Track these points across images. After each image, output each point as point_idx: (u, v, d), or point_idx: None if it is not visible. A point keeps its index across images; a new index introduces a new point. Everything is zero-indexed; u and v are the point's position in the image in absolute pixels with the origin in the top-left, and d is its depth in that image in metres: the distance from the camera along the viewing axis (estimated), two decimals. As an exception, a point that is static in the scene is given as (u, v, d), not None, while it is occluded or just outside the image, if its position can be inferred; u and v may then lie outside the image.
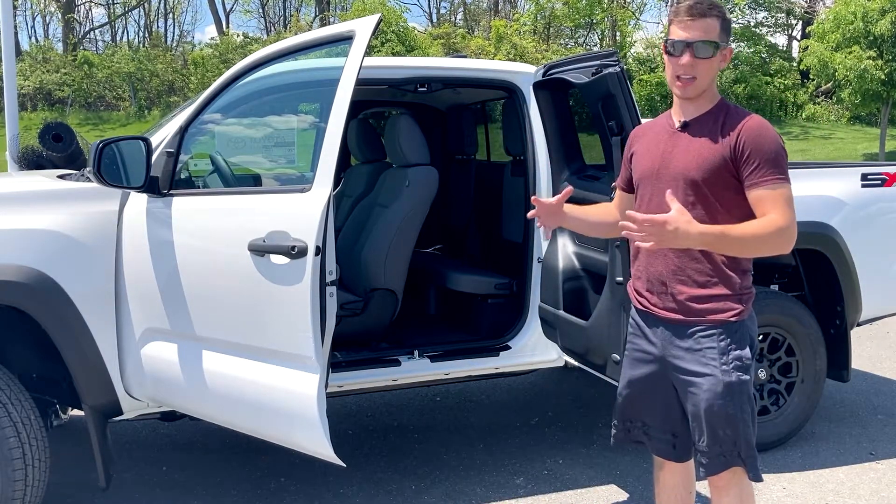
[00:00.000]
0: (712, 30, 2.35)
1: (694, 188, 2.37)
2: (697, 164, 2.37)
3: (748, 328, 2.43)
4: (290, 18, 37.72)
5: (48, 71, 29.54)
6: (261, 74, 3.28)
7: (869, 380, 5.32)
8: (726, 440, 2.41)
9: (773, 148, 2.32)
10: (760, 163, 2.30)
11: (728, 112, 2.40)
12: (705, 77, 2.38)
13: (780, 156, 2.32)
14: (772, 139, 2.33)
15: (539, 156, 3.97)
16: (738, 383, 2.37)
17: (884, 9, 21.18)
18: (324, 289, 2.85)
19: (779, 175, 2.31)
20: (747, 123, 2.35)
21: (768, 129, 2.35)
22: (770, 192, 2.30)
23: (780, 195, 2.29)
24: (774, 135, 2.35)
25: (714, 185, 2.36)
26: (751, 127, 2.34)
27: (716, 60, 2.39)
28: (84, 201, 3.15)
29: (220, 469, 3.95)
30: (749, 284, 2.45)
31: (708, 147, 2.36)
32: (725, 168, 2.34)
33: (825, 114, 29.55)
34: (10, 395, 2.97)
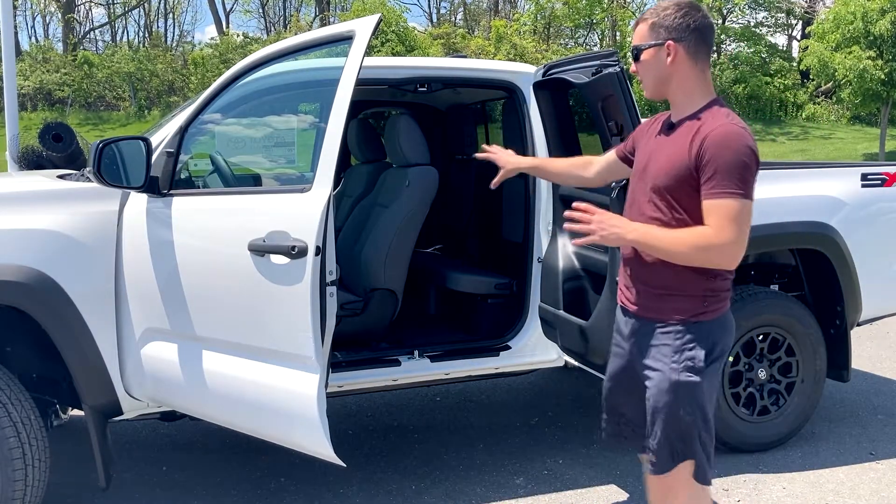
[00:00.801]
0: (639, 35, 2.39)
1: (661, 196, 2.34)
2: (665, 171, 2.33)
3: (711, 332, 2.36)
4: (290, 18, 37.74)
5: (48, 71, 29.55)
6: (261, 74, 3.28)
7: (869, 380, 5.32)
8: (670, 439, 2.39)
9: (734, 158, 2.19)
10: (715, 172, 2.20)
11: (707, 118, 2.30)
12: (647, 79, 2.39)
13: (739, 167, 2.19)
14: (735, 149, 2.20)
15: (539, 156, 3.96)
16: (686, 384, 2.34)
17: (883, 9, 21.20)
18: (324, 289, 2.85)
19: (731, 188, 2.19)
20: (714, 131, 2.24)
21: (735, 138, 2.22)
22: (716, 205, 2.20)
23: (725, 209, 2.19)
24: (741, 145, 2.21)
25: (679, 193, 2.31)
26: (716, 134, 2.23)
27: (650, 62, 2.36)
28: (84, 201, 3.15)
29: (220, 469, 3.95)
30: (719, 288, 2.36)
31: (677, 154, 2.30)
32: (690, 176, 2.27)
33: (825, 114, 29.56)
34: (10, 395, 2.97)
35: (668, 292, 2.37)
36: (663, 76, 2.36)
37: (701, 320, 2.35)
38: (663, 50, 2.34)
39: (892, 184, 4.27)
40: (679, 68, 2.34)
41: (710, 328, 2.36)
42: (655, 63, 2.36)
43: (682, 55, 2.33)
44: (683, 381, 2.34)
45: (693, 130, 2.29)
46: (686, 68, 2.34)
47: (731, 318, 2.45)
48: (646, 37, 2.37)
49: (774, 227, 3.93)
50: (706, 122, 2.29)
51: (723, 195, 2.19)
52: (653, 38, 2.35)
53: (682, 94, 2.37)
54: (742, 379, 4.03)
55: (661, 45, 2.34)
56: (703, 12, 2.36)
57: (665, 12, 2.34)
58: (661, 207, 2.34)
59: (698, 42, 2.33)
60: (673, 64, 2.34)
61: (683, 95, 2.37)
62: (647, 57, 2.37)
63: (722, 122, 2.26)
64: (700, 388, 2.35)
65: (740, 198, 2.19)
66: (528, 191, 4.01)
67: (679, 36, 2.32)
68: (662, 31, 2.33)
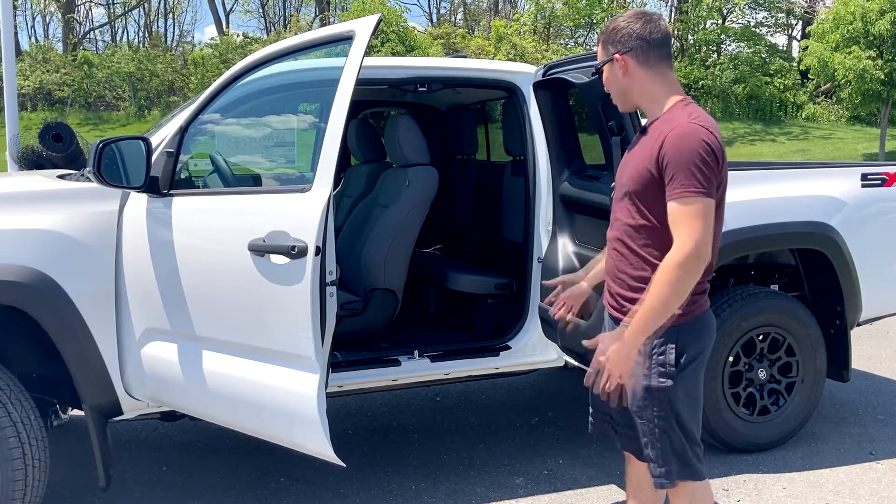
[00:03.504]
0: (598, 56, 2.50)
1: (632, 201, 2.38)
2: (633, 176, 2.37)
3: (682, 335, 2.36)
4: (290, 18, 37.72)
5: (48, 71, 29.53)
6: (261, 74, 3.28)
7: (869, 380, 5.32)
8: (650, 445, 2.43)
9: (690, 157, 2.20)
10: (675, 173, 2.22)
11: (670, 119, 2.32)
12: (613, 94, 2.49)
13: (696, 164, 2.20)
14: (690, 147, 2.21)
15: (539, 156, 3.97)
16: (658, 389, 2.35)
17: (883, 9, 21.20)
18: (324, 289, 2.85)
19: (690, 187, 2.19)
20: (671, 132, 2.25)
21: (691, 136, 2.22)
22: (677, 208, 2.22)
23: (686, 211, 2.20)
24: (696, 142, 2.21)
25: (646, 198, 2.33)
26: (673, 135, 2.24)
27: (609, 78, 2.45)
28: (84, 201, 3.15)
29: (220, 469, 3.95)
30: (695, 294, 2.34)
31: (641, 156, 2.34)
32: (652, 178, 2.29)
33: (825, 114, 29.55)
34: (10, 395, 2.97)
35: (638, 294, 2.36)
36: (622, 88, 2.44)
37: (671, 324, 2.34)
38: (615, 64, 2.41)
39: (892, 184, 4.27)
40: (635, 77, 2.40)
41: (681, 332, 2.36)
42: (613, 78, 2.44)
43: (633, 65, 2.39)
44: (655, 387, 2.37)
45: (658, 133, 2.31)
46: (642, 76, 2.39)
47: (708, 319, 2.46)
48: (601, 56, 2.48)
49: (774, 227, 3.93)
50: (669, 124, 2.31)
51: (685, 196, 2.21)
52: (604, 56, 2.45)
53: (647, 101, 2.43)
54: (742, 379, 4.03)
55: (610, 60, 2.42)
56: (648, 19, 2.40)
57: (610, 29, 2.44)
58: (632, 212, 2.38)
59: (647, 48, 2.37)
60: (627, 75, 2.40)
61: (649, 101, 2.42)
62: (605, 74, 2.46)
63: (680, 122, 2.28)
64: (672, 391, 2.37)
65: (700, 196, 2.20)
66: (529, 191, 4.01)
67: (625, 48, 2.38)
68: (611, 48, 2.42)
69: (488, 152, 5.32)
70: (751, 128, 28.13)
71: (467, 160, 5.20)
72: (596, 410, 2.70)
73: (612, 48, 2.42)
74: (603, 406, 2.64)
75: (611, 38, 2.42)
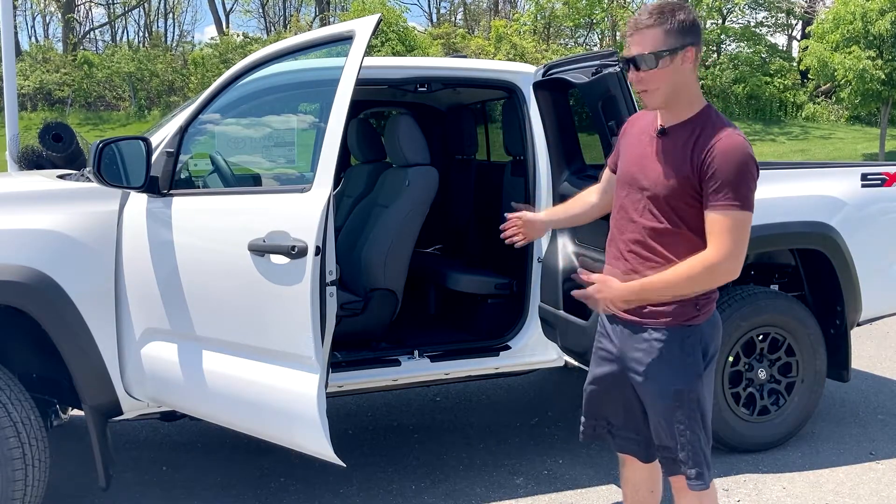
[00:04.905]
0: (651, 41, 2.24)
1: (660, 205, 2.33)
2: (665, 181, 2.30)
3: (703, 334, 2.38)
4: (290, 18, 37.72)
5: (48, 71, 29.54)
6: (261, 74, 3.28)
7: (869, 380, 5.32)
8: (672, 443, 2.43)
9: (738, 170, 2.19)
10: (721, 184, 2.20)
11: (705, 126, 2.27)
12: (660, 87, 2.28)
13: (742, 179, 2.20)
14: (739, 161, 2.20)
15: (539, 156, 3.97)
16: (689, 390, 2.36)
17: (883, 9, 21.20)
18: (324, 289, 2.84)
19: (734, 200, 2.19)
20: (719, 143, 2.21)
21: (739, 150, 2.21)
22: (718, 217, 2.21)
23: (726, 222, 2.20)
24: (744, 156, 2.21)
25: (679, 202, 2.30)
26: (722, 147, 2.21)
27: (665, 70, 2.25)
28: (84, 201, 3.15)
29: (220, 469, 3.95)
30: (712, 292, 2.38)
31: (678, 164, 2.28)
32: (691, 187, 2.27)
33: (825, 114, 29.55)
34: (10, 395, 2.97)
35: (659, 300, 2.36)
36: (675, 82, 2.27)
37: (693, 324, 2.36)
38: (680, 55, 2.24)
39: (892, 184, 4.27)
40: (690, 74, 2.28)
41: (703, 330, 2.38)
42: (674, 70, 2.25)
43: (695, 60, 2.28)
44: (685, 389, 2.37)
45: (692, 138, 2.27)
46: (692, 73, 2.30)
47: (718, 316, 2.47)
48: (665, 40, 2.23)
49: (774, 227, 3.93)
50: (706, 130, 2.26)
51: (728, 207, 2.20)
52: (670, 43, 2.23)
53: (686, 100, 2.31)
54: (742, 379, 4.02)
55: (678, 49, 2.23)
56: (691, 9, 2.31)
57: (682, 18, 2.24)
58: (659, 216, 2.33)
59: (701, 44, 2.30)
60: (686, 69, 2.26)
61: (686, 102, 2.32)
62: (665, 64, 2.23)
63: (726, 132, 2.24)
64: (700, 391, 2.38)
65: (742, 209, 2.20)
66: (528, 191, 4.01)
67: (695, 39, 2.24)
68: (682, 37, 2.23)
69: (488, 152, 5.32)
70: (751, 128, 28.12)
71: (467, 160, 5.20)
72: (591, 417, 2.69)
73: (684, 38, 2.22)
74: (602, 411, 2.65)
75: (685, 28, 2.22)
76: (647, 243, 2.36)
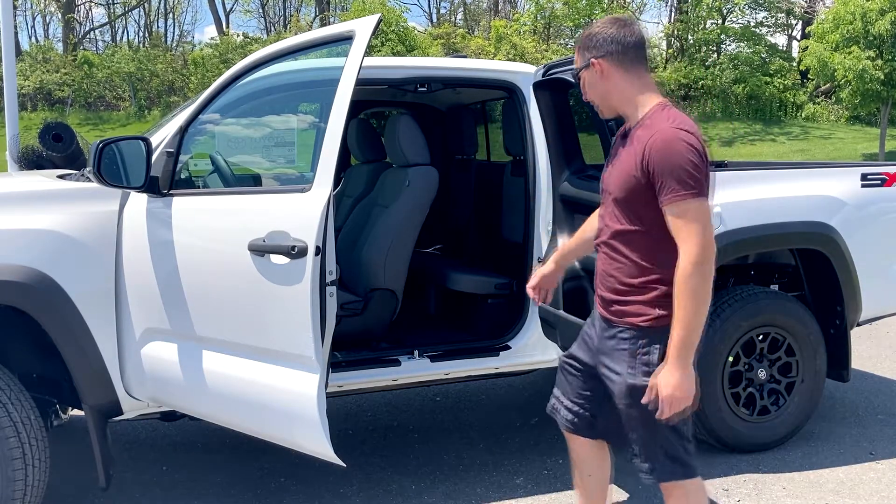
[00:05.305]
0: (577, 61, 2.51)
1: (620, 207, 2.42)
2: (620, 183, 2.40)
3: (666, 336, 2.35)
4: (290, 18, 37.73)
5: (48, 71, 29.56)
6: (261, 74, 3.28)
7: (869, 380, 5.32)
8: (636, 442, 2.49)
9: (677, 161, 2.23)
10: (664, 180, 2.25)
11: (650, 126, 2.33)
12: (594, 99, 2.50)
13: (681, 168, 2.23)
14: (675, 152, 2.24)
15: (539, 156, 3.97)
16: (643, 387, 2.38)
17: (883, 9, 21.20)
18: (324, 289, 2.85)
19: (681, 191, 2.23)
20: (653, 137, 2.28)
21: (670, 142, 2.25)
22: (675, 215, 2.26)
23: (683, 217, 2.24)
24: (680, 145, 2.24)
25: (636, 204, 2.36)
26: (655, 141, 2.27)
27: (587, 84, 2.48)
28: (84, 201, 3.15)
29: (220, 469, 3.95)
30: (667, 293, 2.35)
31: (627, 164, 2.37)
32: (642, 186, 2.32)
33: (825, 114, 29.55)
34: (10, 395, 2.97)
35: (626, 297, 2.43)
36: (602, 92, 2.47)
37: (654, 325, 2.38)
38: (593, 69, 2.44)
39: (892, 184, 4.27)
40: (612, 81, 2.43)
41: (665, 332, 2.35)
42: (592, 83, 2.47)
43: (609, 68, 2.42)
44: (640, 386, 2.39)
45: (641, 139, 2.34)
46: (619, 79, 2.42)
47: None
48: (578, 63, 2.51)
49: (774, 227, 3.93)
50: (646, 129, 2.34)
51: (679, 200, 2.24)
52: (582, 62, 2.48)
53: (626, 104, 2.45)
54: (742, 379, 4.02)
55: (587, 66, 2.45)
56: (623, 24, 2.44)
57: (587, 34, 2.48)
58: (622, 219, 2.42)
59: (623, 51, 2.41)
60: (604, 79, 2.43)
61: (628, 105, 2.44)
62: (584, 80, 2.49)
63: (661, 127, 2.30)
64: None
65: (694, 197, 2.24)
66: (528, 191, 4.01)
67: (602, 52, 2.41)
68: (587, 53, 2.46)
69: (488, 152, 5.32)
70: (751, 128, 28.13)
71: (467, 160, 5.20)
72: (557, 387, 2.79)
73: (588, 53, 2.45)
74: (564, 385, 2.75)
75: (587, 44, 2.45)
76: (613, 244, 2.46)
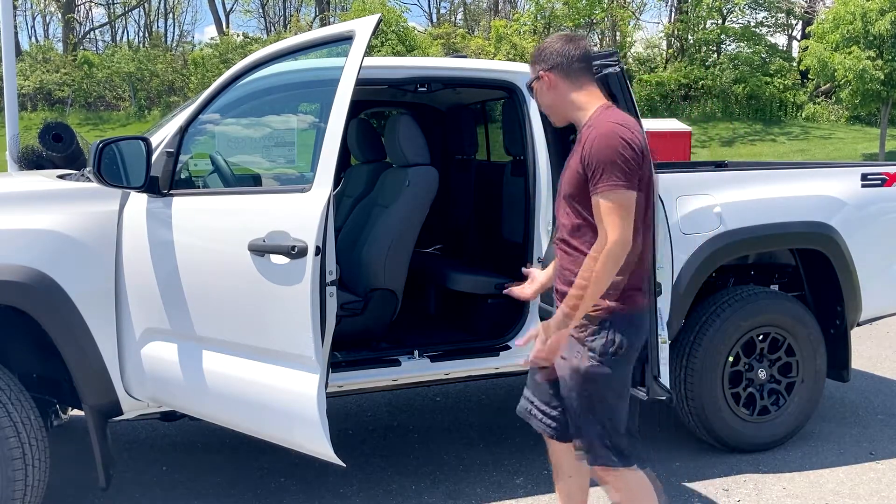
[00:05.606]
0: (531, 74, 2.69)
1: (570, 203, 2.57)
2: (568, 179, 2.57)
3: (616, 326, 2.50)
4: (290, 18, 37.75)
5: (48, 71, 29.58)
6: (261, 74, 3.28)
7: (869, 380, 5.32)
8: (575, 421, 2.61)
9: (609, 153, 2.39)
10: (595, 171, 2.41)
11: (591, 123, 2.51)
12: (542, 105, 2.71)
13: (615, 161, 2.39)
14: (608, 145, 2.40)
15: (539, 156, 3.96)
16: (586, 374, 2.51)
17: (883, 9, 21.22)
18: (324, 289, 2.84)
19: (610, 181, 2.39)
20: (590, 134, 2.46)
21: (609, 135, 2.42)
22: (600, 201, 2.41)
23: (608, 205, 2.39)
24: (614, 141, 2.40)
25: (582, 198, 2.50)
26: (592, 137, 2.44)
27: (539, 94, 2.67)
28: (84, 201, 3.15)
29: (220, 469, 3.95)
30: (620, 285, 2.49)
31: (574, 161, 2.53)
32: (584, 181, 2.47)
33: (825, 114, 29.56)
34: (10, 395, 2.97)
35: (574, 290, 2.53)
36: (549, 102, 2.66)
37: (601, 315, 2.50)
38: (542, 80, 2.62)
39: (892, 184, 4.27)
40: (559, 91, 2.61)
41: (614, 321, 2.50)
42: (541, 93, 2.66)
43: (556, 80, 2.60)
44: (584, 371, 2.52)
45: (584, 137, 2.50)
46: (565, 89, 2.60)
47: (641, 320, 2.60)
48: (531, 74, 2.68)
49: (774, 227, 3.93)
50: (591, 127, 2.51)
51: (606, 189, 2.40)
52: (533, 74, 2.66)
53: (574, 110, 2.61)
54: (742, 379, 4.03)
55: (538, 77, 2.63)
56: (569, 39, 2.63)
57: (537, 49, 2.67)
58: (571, 214, 2.57)
59: (568, 64, 2.58)
60: (551, 89, 2.61)
61: (576, 110, 2.61)
62: (535, 90, 2.67)
63: (599, 123, 2.48)
64: (601, 376, 2.52)
65: (622, 189, 2.39)
66: (528, 191, 4.01)
67: (549, 65, 2.60)
68: (537, 66, 2.64)
69: (488, 152, 5.32)
70: (751, 128, 28.14)
71: (467, 160, 5.20)
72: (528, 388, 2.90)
73: (538, 66, 2.63)
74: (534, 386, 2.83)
75: (537, 58, 2.63)
76: (567, 240, 2.60)
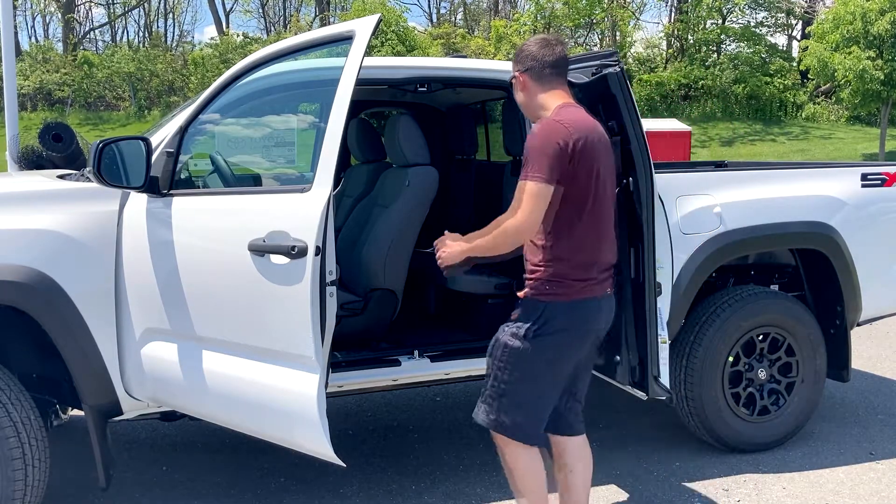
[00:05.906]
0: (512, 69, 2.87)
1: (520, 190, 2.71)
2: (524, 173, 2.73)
3: (551, 311, 2.69)
4: (290, 18, 37.75)
5: (48, 71, 29.58)
6: (261, 74, 3.28)
7: (869, 380, 5.32)
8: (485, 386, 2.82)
9: (538, 145, 2.59)
10: (524, 161, 2.62)
11: None
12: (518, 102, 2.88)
13: (538, 154, 2.57)
14: (541, 138, 2.59)
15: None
16: (503, 346, 2.75)
17: (883, 9, 21.22)
18: (324, 289, 2.85)
19: (529, 172, 2.58)
20: (534, 128, 2.67)
21: (545, 129, 2.61)
22: (520, 187, 2.61)
23: (525, 192, 2.59)
24: (548, 134, 2.58)
25: None
26: (533, 129, 2.66)
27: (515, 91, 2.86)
28: (84, 201, 3.15)
29: (220, 469, 3.95)
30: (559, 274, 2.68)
31: None
32: None
33: (825, 114, 29.56)
34: (10, 395, 2.97)
35: (530, 275, 2.76)
36: (521, 101, 2.85)
37: (538, 299, 2.71)
38: (516, 80, 2.82)
39: (892, 184, 4.27)
40: (530, 92, 2.79)
41: (545, 307, 2.70)
42: (516, 92, 2.85)
43: (528, 81, 2.78)
44: (501, 343, 2.75)
45: None
46: (536, 90, 2.77)
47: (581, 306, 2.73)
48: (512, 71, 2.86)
49: (774, 227, 3.93)
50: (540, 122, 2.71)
51: (525, 178, 2.59)
52: (512, 72, 2.85)
53: (541, 112, 2.77)
54: (742, 379, 4.03)
55: (514, 77, 2.82)
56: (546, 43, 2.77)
57: (518, 49, 2.84)
58: None
59: (541, 68, 2.75)
60: (524, 89, 2.80)
61: (542, 112, 2.76)
62: (513, 86, 2.85)
63: (545, 119, 2.66)
64: (517, 353, 2.71)
65: (538, 181, 2.57)
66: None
67: (524, 67, 2.78)
68: (514, 66, 2.83)
69: (488, 152, 5.32)
70: (751, 128, 28.14)
71: (467, 160, 5.20)
72: None
73: (515, 66, 2.82)
74: None
75: (515, 58, 2.82)
76: None
